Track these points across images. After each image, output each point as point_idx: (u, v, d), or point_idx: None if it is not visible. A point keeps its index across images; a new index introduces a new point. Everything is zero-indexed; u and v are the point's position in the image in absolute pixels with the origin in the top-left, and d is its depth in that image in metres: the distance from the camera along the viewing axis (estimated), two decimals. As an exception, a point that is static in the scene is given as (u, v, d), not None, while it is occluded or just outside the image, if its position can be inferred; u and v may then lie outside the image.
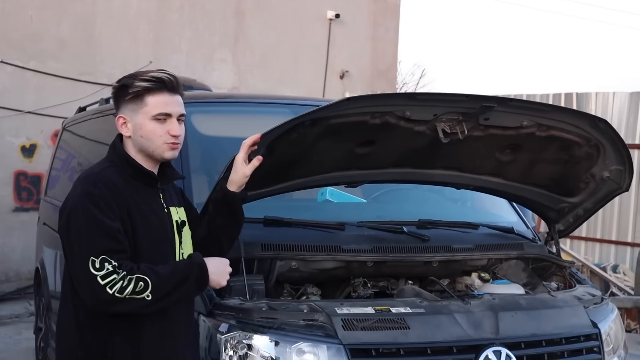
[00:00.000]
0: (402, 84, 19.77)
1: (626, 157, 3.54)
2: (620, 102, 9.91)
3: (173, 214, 2.65)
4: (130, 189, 2.53)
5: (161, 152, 2.56)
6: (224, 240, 2.85)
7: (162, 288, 2.43)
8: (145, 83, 2.53)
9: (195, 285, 2.54)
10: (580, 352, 3.31)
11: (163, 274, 2.44)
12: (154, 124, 2.53)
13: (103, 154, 5.15)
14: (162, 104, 2.53)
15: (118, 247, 2.41)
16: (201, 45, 10.94)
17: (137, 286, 2.38)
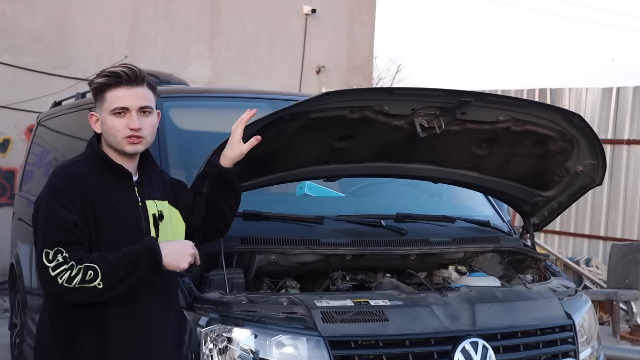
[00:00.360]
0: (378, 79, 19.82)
1: (599, 151, 3.60)
2: (593, 97, 10.03)
3: (150, 208, 2.63)
4: (100, 182, 2.55)
5: (122, 146, 2.57)
6: (226, 212, 2.89)
7: (113, 275, 2.40)
8: (102, 79, 2.56)
9: (148, 270, 2.47)
10: (555, 343, 3.37)
11: (113, 261, 2.42)
12: (113, 118, 2.54)
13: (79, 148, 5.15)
14: (118, 98, 2.54)
15: (72, 239, 2.42)
16: (177, 40, 10.91)
17: (86, 275, 2.37)
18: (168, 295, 2.70)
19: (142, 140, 2.58)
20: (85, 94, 5.70)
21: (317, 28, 12.55)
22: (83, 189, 2.49)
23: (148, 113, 2.59)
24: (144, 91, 2.59)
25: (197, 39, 11.17)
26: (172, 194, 2.78)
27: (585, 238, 10.06)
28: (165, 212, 2.69)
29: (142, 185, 2.66)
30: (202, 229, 2.88)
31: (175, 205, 2.77)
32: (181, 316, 2.86)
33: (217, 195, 2.85)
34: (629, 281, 8.45)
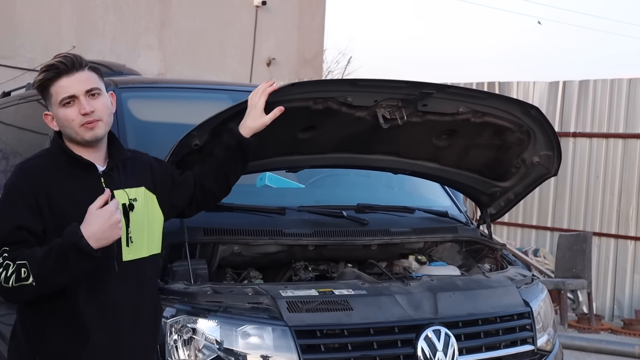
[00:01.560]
0: (327, 71, 19.86)
1: (555, 142, 3.68)
2: (540, 91, 10.23)
3: (119, 197, 2.55)
4: (62, 176, 2.51)
5: (81, 135, 2.52)
6: (231, 181, 2.91)
7: (43, 270, 2.34)
8: (41, 75, 2.52)
9: (79, 256, 2.35)
10: (514, 330, 3.44)
11: (40, 256, 2.35)
12: (64, 110, 2.50)
13: (29, 140, 5.10)
14: (62, 89, 2.49)
15: (17, 239, 2.39)
16: (126, 31, 10.77)
17: (20, 273, 2.33)
18: (140, 283, 2.64)
19: (97, 123, 2.52)
20: (36, 85, 5.60)
21: (268, 20, 12.53)
22: (38, 185, 2.45)
23: (97, 95, 2.54)
24: (87, 75, 2.53)
25: (147, 30, 11.06)
26: (149, 178, 2.71)
27: (533, 229, 10.27)
28: (140, 200, 2.63)
29: (110, 175, 2.59)
30: (196, 200, 2.86)
31: (154, 190, 2.70)
32: (157, 304, 2.81)
33: (229, 164, 2.85)
34: (576, 270, 8.67)
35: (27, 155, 4.88)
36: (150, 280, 2.72)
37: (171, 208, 2.80)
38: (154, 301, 2.76)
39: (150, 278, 2.72)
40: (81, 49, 9.79)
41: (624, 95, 9.46)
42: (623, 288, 9.37)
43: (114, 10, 10.62)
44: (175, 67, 11.26)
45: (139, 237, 2.62)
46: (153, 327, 2.76)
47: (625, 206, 9.40)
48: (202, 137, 3.05)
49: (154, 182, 2.71)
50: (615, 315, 9.38)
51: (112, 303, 2.54)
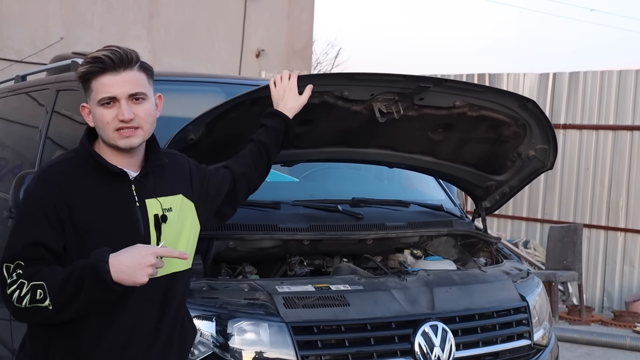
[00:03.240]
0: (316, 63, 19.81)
1: (551, 136, 3.67)
2: (530, 82, 10.22)
3: (150, 208, 2.31)
4: (87, 184, 2.25)
5: (114, 141, 2.26)
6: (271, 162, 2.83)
7: (61, 295, 2.10)
8: (84, 67, 2.25)
9: (97, 290, 2.10)
10: (510, 325, 3.43)
11: (60, 279, 2.11)
12: (101, 110, 2.24)
13: (18, 132, 5.04)
14: (104, 87, 2.23)
15: (33, 255, 2.16)
16: (114, 22, 10.68)
17: (36, 294, 2.10)
18: (165, 302, 2.34)
19: (136, 132, 2.25)
20: (26, 77, 5.54)
21: (257, 11, 12.46)
22: (59, 195, 2.20)
23: (141, 100, 2.27)
24: (134, 75, 2.26)
25: (136, 21, 10.97)
26: (188, 184, 2.46)
27: (523, 221, 10.28)
28: (175, 209, 2.37)
29: (142, 182, 2.32)
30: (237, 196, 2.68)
31: (191, 197, 2.45)
32: (184, 326, 2.48)
33: (273, 149, 2.79)
34: (567, 262, 8.69)
35: (16, 148, 4.95)
36: (178, 298, 2.41)
37: (208, 213, 2.56)
38: (180, 323, 2.44)
39: (178, 296, 2.41)
40: (69, 40, 9.72)
41: (614, 87, 9.46)
42: (613, 280, 9.40)
43: (102, 2, 10.53)
44: (164, 59, 11.18)
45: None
46: (178, 351, 2.44)
47: (615, 198, 9.42)
48: (197, 131, 3.02)
49: (192, 188, 2.47)
50: (605, 306, 9.41)
51: (128, 326, 2.27)
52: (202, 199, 2.51)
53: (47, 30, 9.90)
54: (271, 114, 2.86)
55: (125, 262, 2.10)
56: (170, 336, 2.39)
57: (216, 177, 2.62)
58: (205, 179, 2.56)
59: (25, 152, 4.60)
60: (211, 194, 2.57)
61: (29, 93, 5.04)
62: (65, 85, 4.26)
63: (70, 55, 4.90)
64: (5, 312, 4.21)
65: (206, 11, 11.73)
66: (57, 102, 4.29)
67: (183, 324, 2.47)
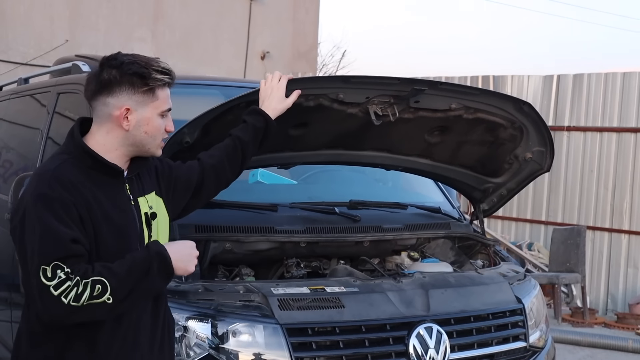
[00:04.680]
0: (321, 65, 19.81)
1: (548, 138, 3.68)
2: (534, 84, 10.20)
3: (142, 206, 2.40)
4: (91, 184, 2.28)
5: (155, 149, 2.42)
6: (247, 160, 2.85)
7: (123, 287, 2.18)
8: (165, 77, 2.37)
9: (160, 277, 2.27)
10: (506, 327, 3.44)
11: (121, 272, 2.19)
12: (161, 120, 2.38)
13: (21, 135, 5.07)
14: (167, 99, 2.39)
15: (72, 252, 2.16)
16: (119, 24, 10.74)
17: (94, 290, 2.14)
18: (158, 301, 2.46)
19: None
20: (28, 79, 5.57)
21: (262, 14, 12.51)
22: (77, 195, 2.22)
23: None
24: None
25: (140, 23, 11.03)
26: (155, 181, 2.53)
27: (527, 223, 10.25)
28: (154, 206, 2.46)
29: (132, 180, 2.41)
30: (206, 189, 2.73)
31: (160, 193, 2.52)
32: (171, 322, 2.61)
33: (250, 147, 2.81)
34: (570, 264, 8.67)
35: (19, 150, 4.98)
36: (164, 294, 2.53)
37: (176, 207, 2.63)
38: (167, 316, 2.56)
39: (164, 292, 2.52)
40: (74, 42, 9.77)
41: (618, 89, 9.44)
42: (617, 282, 9.38)
43: (106, 4, 10.58)
44: (168, 61, 11.06)
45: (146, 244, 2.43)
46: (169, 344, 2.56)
47: (619, 200, 9.40)
48: (192, 134, 3.04)
49: (159, 184, 2.54)
50: (608, 309, 9.38)
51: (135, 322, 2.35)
52: (170, 195, 2.57)
53: (52, 33, 9.96)
54: (254, 111, 2.89)
55: (180, 252, 2.33)
56: (163, 330, 2.51)
57: (182, 170, 2.67)
58: (172, 173, 2.62)
59: (28, 154, 4.63)
60: (179, 188, 2.63)
61: (31, 95, 5.07)
62: (65, 88, 4.29)
63: (72, 58, 4.93)
64: (5, 313, 4.27)
65: (211, 13, 11.77)
66: (58, 105, 4.33)
67: (168, 316, 2.58)
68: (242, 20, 12.25)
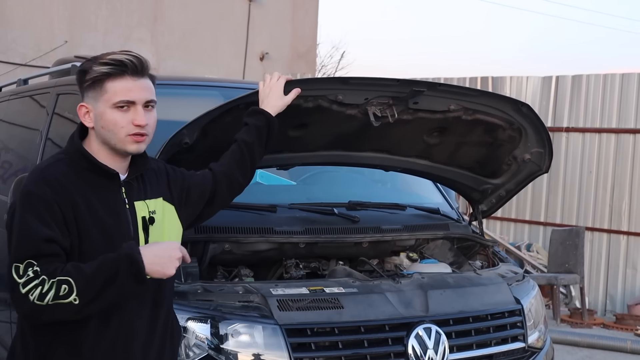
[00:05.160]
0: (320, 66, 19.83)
1: (546, 139, 3.68)
2: (533, 86, 10.21)
3: (139, 210, 2.35)
4: (82, 184, 2.27)
5: (123, 145, 2.29)
6: (256, 161, 2.81)
7: (90, 289, 2.12)
8: (104, 67, 2.26)
9: (129, 280, 2.17)
10: (505, 328, 3.44)
11: (89, 273, 2.13)
12: (115, 113, 2.26)
13: (20, 136, 5.08)
14: (123, 90, 2.26)
15: (45, 251, 2.15)
16: (118, 25, 10.75)
17: (60, 290, 2.10)
18: (156, 303, 2.41)
19: (145, 138, 2.32)
20: (28, 80, 5.58)
21: (261, 15, 12.51)
22: (63, 195, 2.21)
23: (151, 108, 2.34)
24: (149, 83, 2.34)
25: (140, 24, 11.04)
26: (166, 187, 2.50)
27: (526, 224, 10.26)
28: (159, 212, 2.42)
29: (131, 184, 2.37)
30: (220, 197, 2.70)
31: (171, 200, 2.49)
32: (174, 326, 2.56)
33: (256, 148, 2.77)
34: (569, 265, 8.68)
35: (18, 151, 4.98)
36: (167, 299, 2.48)
37: (191, 215, 2.61)
38: (170, 323, 2.51)
39: (167, 297, 2.48)
40: (73, 43, 9.77)
41: (617, 90, 9.45)
42: (615, 283, 9.38)
43: (106, 4, 10.59)
44: (167, 62, 11.24)
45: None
46: (170, 352, 2.51)
47: (618, 201, 9.41)
48: (192, 135, 3.05)
49: (170, 191, 2.50)
50: (607, 310, 9.39)
51: (125, 327, 2.31)
52: (183, 203, 2.55)
53: (51, 34, 9.96)
54: (254, 112, 2.87)
55: (157, 254, 2.20)
56: (163, 336, 2.45)
57: (196, 179, 2.65)
58: (185, 182, 2.59)
59: (27, 155, 4.63)
60: (193, 197, 2.60)
61: (30, 96, 5.08)
62: (65, 89, 4.29)
63: (71, 59, 4.94)
64: (5, 314, 4.27)
65: (210, 14, 11.77)
66: (57, 105, 4.33)
67: (172, 324, 2.54)
68: (241, 21, 12.26)
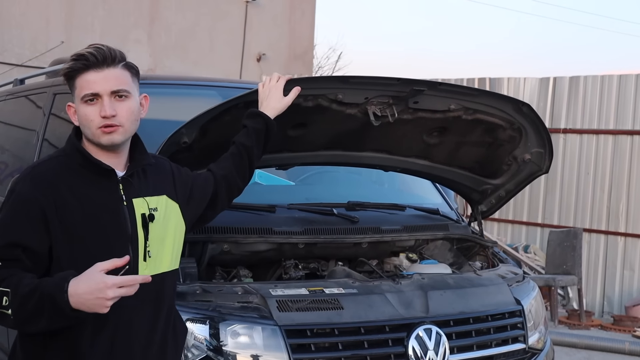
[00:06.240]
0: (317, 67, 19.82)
1: (547, 140, 3.67)
2: (530, 87, 10.21)
3: (137, 207, 2.32)
4: (76, 182, 2.26)
5: (97, 138, 2.27)
6: (254, 164, 2.81)
7: (21, 311, 2.10)
8: (68, 64, 2.27)
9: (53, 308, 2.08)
10: (505, 329, 3.43)
11: (21, 295, 2.09)
12: (85, 107, 2.25)
13: (16, 137, 5.05)
14: (86, 84, 2.25)
15: (8, 256, 2.15)
16: (115, 26, 10.72)
17: (2, 300, 2.08)
18: (158, 302, 2.38)
19: (117, 129, 2.26)
20: (24, 80, 5.55)
21: (258, 15, 12.50)
22: (48, 195, 2.19)
23: (124, 97, 2.28)
24: (117, 72, 2.28)
25: (136, 25, 11.01)
26: (171, 186, 2.48)
27: (524, 225, 10.26)
28: (161, 209, 2.38)
29: (130, 181, 2.34)
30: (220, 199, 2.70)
31: (176, 199, 2.46)
32: (179, 327, 2.54)
33: (255, 151, 2.76)
34: (567, 267, 8.68)
35: (14, 151, 4.96)
36: (168, 297, 2.45)
37: (194, 216, 2.59)
38: (172, 322, 2.48)
39: (169, 296, 2.45)
40: (70, 44, 9.74)
41: (614, 91, 9.45)
42: (613, 284, 9.38)
43: (102, 5, 10.56)
44: (164, 63, 11.21)
45: (158, 251, 2.37)
46: (173, 351, 2.48)
47: (615, 202, 9.40)
48: (190, 134, 3.02)
49: (175, 189, 2.48)
50: (605, 311, 9.38)
51: (124, 326, 2.28)
52: (186, 202, 2.53)
53: (47, 34, 9.93)
54: (252, 114, 2.85)
55: (84, 292, 2.08)
56: (165, 335, 2.42)
57: (199, 180, 2.64)
58: (189, 182, 2.58)
59: (24, 156, 4.61)
60: (196, 197, 2.59)
61: (27, 96, 5.05)
62: (61, 89, 4.26)
63: (67, 59, 4.90)
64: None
65: (207, 15, 11.75)
66: (53, 105, 4.30)
67: (175, 323, 2.50)
68: (238, 22, 12.24)
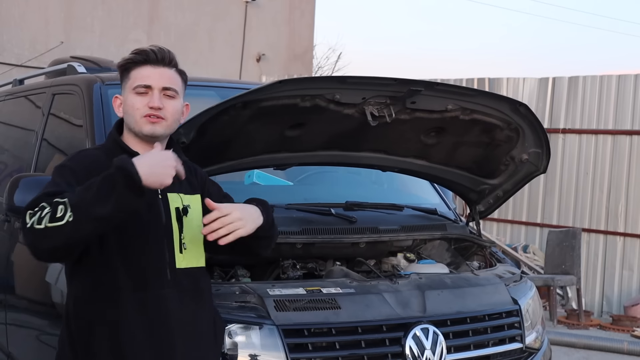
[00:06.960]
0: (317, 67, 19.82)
1: (544, 140, 3.68)
2: (530, 87, 10.21)
3: (171, 201, 2.44)
4: None
5: (140, 127, 2.43)
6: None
7: (83, 201, 2.14)
8: (128, 56, 2.48)
9: (127, 191, 2.15)
10: (502, 328, 3.43)
11: (81, 188, 2.18)
12: (134, 97, 2.44)
13: (16, 136, 5.06)
14: (142, 76, 2.44)
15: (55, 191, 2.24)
16: (114, 26, 10.73)
17: (56, 211, 2.14)
18: (198, 294, 2.50)
19: (161, 122, 2.43)
20: (23, 80, 5.56)
21: (257, 16, 12.50)
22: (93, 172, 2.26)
23: (172, 97, 2.47)
24: (171, 73, 2.49)
25: (136, 25, 11.02)
26: (204, 191, 2.59)
27: (523, 225, 10.26)
28: (195, 207, 2.50)
29: None
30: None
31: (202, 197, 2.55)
32: (217, 320, 2.65)
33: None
34: (565, 267, 8.68)
35: (14, 151, 4.96)
36: (207, 293, 2.59)
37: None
38: (212, 315, 2.61)
39: (207, 291, 2.59)
40: (69, 44, 9.75)
41: (613, 91, 9.45)
42: (612, 284, 9.38)
43: (102, 6, 10.57)
44: (164, 63, 11.21)
45: (193, 245, 2.48)
46: (214, 344, 2.60)
47: (614, 202, 9.41)
48: (188, 134, 3.03)
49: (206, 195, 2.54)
50: (604, 311, 9.39)
51: (164, 315, 2.38)
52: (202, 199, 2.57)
53: (47, 34, 9.94)
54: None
55: (150, 164, 2.19)
56: (206, 328, 2.53)
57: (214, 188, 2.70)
58: (220, 196, 2.65)
59: (23, 155, 4.62)
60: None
61: (26, 97, 5.06)
62: (61, 89, 4.28)
63: (67, 60, 4.92)
64: (1, 316, 4.24)
65: (206, 15, 11.76)
66: (53, 105, 4.31)
67: (215, 318, 2.64)
68: (237, 23, 12.25)
